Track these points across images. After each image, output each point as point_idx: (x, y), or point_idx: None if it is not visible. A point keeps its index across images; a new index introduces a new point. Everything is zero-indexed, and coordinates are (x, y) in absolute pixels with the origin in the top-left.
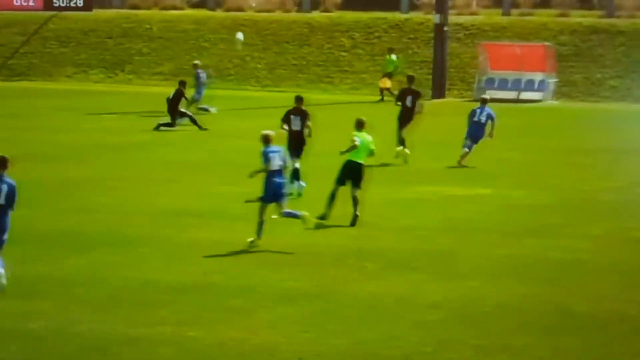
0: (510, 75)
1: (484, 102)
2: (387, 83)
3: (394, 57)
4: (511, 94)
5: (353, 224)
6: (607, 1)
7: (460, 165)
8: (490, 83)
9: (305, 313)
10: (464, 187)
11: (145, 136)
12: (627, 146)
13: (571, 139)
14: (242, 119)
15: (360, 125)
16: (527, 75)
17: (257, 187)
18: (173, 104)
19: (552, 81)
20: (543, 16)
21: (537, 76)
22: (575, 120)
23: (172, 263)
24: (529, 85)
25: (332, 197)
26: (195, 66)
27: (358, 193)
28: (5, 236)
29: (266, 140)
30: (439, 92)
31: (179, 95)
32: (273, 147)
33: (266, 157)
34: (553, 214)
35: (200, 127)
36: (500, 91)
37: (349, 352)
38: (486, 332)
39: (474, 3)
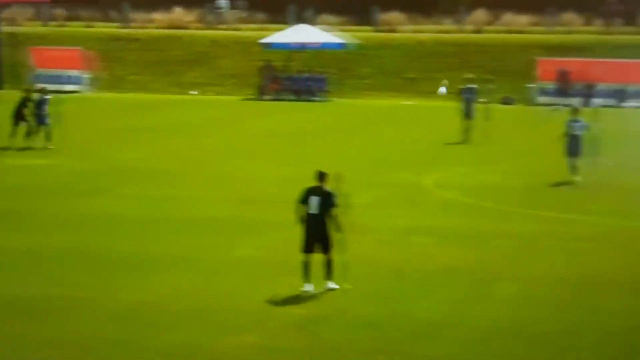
0: (55, 72)
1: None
2: None
3: None
4: (54, 87)
5: None
6: (128, 15)
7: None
8: (39, 78)
9: None
10: (26, 159)
11: None
12: (144, 126)
13: (106, 122)
14: None
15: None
16: (70, 73)
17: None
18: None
19: (86, 76)
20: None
21: (75, 73)
22: (107, 107)
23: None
24: (71, 80)
25: None
26: None
27: None
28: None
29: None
30: None
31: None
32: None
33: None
34: (94, 179)
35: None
36: (53, 85)
37: None
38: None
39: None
